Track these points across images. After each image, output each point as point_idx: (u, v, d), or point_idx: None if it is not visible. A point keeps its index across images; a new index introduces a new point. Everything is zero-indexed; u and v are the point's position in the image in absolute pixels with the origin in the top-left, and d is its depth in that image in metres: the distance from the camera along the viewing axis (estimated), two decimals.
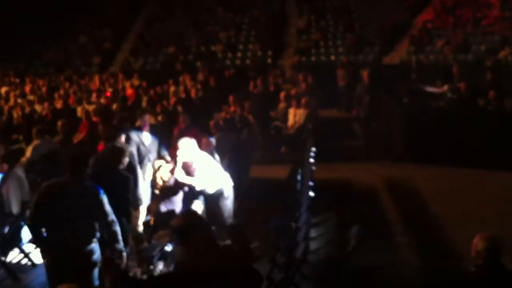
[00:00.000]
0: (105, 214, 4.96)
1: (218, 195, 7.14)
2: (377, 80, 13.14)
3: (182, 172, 7.08)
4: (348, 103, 14.54)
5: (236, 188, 7.83)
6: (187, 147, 7.11)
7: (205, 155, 7.26)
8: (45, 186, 5.00)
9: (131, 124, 9.64)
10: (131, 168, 6.62)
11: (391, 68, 16.89)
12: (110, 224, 4.98)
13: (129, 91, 15.32)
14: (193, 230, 3.64)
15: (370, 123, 12.44)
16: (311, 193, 7.13)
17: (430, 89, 12.42)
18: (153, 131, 8.58)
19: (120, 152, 6.07)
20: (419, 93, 12.21)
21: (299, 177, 8.50)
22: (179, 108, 12.48)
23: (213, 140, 8.47)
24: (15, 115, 12.99)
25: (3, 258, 6.66)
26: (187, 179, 7.02)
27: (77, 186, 4.94)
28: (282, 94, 13.07)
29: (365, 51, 18.48)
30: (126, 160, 6.08)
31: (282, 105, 12.78)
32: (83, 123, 11.23)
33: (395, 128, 11.52)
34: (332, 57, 18.68)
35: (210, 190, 7.10)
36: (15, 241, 7.03)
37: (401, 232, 7.60)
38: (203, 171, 7.04)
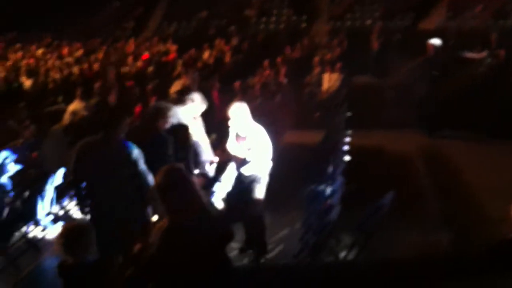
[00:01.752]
0: (139, 173, 5.06)
1: (255, 179, 6.04)
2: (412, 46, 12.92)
3: (235, 144, 6.08)
4: (383, 69, 14.36)
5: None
6: (240, 113, 5.94)
7: (258, 125, 6.05)
8: (81, 144, 5.14)
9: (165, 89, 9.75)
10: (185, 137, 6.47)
11: (427, 34, 16.55)
12: (144, 184, 5.08)
13: (172, 55, 15.38)
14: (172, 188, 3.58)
15: (406, 90, 12.28)
16: (346, 158, 7.17)
17: (469, 55, 12.16)
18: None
19: (163, 110, 5.99)
20: (457, 59, 11.96)
21: (332, 143, 8.52)
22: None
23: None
24: (52, 77, 13.22)
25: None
26: (241, 152, 5.96)
27: (110, 144, 5.05)
28: (316, 59, 13.01)
29: (400, 16, 18.12)
30: (169, 119, 6.01)
31: (316, 70, 12.72)
32: (119, 86, 11.38)
33: (431, 96, 11.35)
34: (368, 22, 18.39)
35: (254, 171, 6.00)
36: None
37: (434, 199, 7.58)
38: (258, 144, 5.90)
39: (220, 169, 6.92)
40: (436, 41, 10.01)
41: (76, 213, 7.14)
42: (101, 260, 4.05)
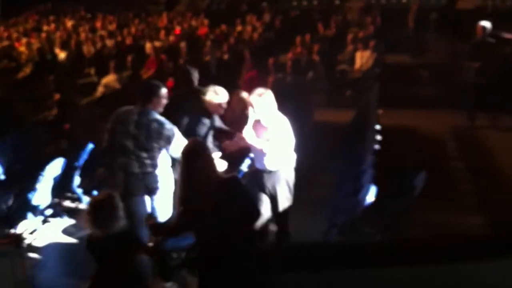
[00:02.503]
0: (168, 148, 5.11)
1: (279, 177, 5.45)
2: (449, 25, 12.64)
3: (253, 132, 5.55)
4: (417, 48, 14.12)
5: (299, 132, 7.79)
6: (264, 100, 5.39)
7: (283, 116, 5.52)
8: (115, 113, 5.21)
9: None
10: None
11: (465, 13, 16.18)
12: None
13: (203, 30, 15.35)
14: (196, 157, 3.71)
15: (440, 69, 12.07)
16: (378, 137, 7.08)
17: (507, 35, 11.85)
18: (221, 68, 8.61)
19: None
20: (494, 39, 11.66)
21: (364, 121, 8.43)
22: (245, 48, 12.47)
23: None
24: (85, 50, 13.32)
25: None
26: (258, 142, 5.42)
27: (144, 116, 5.09)
28: (349, 37, 12.83)
29: None
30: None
31: (349, 48, 12.56)
32: (151, 60, 11.42)
33: (466, 76, 11.11)
34: (404, 0, 18.04)
35: (274, 167, 5.45)
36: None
37: (465, 180, 7.47)
38: (280, 136, 5.35)
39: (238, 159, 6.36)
40: (486, 24, 9.72)
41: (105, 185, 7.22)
42: (129, 232, 4.10)
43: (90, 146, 7.81)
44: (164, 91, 5.28)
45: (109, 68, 10.39)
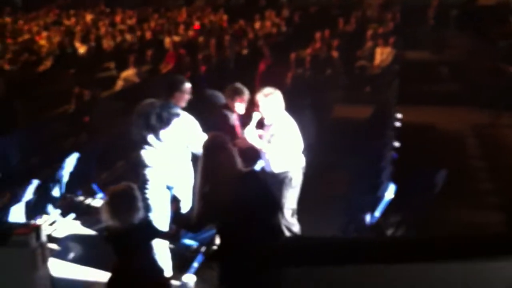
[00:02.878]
0: (192, 139, 5.14)
1: (284, 179, 5.28)
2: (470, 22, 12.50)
3: (255, 132, 5.39)
4: (438, 44, 13.99)
5: (317, 128, 7.74)
6: (270, 100, 5.25)
7: (289, 118, 5.39)
8: (139, 105, 5.23)
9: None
10: None
11: (486, 9, 15.99)
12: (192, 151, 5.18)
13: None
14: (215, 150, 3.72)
15: (460, 66, 11.96)
16: (396, 134, 7.04)
17: None
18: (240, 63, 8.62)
19: (241, 91, 6.02)
20: None
21: (382, 118, 8.38)
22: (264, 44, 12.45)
23: None
24: (105, 44, 13.40)
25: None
26: (259, 143, 5.32)
27: (165, 109, 5.11)
28: (368, 33, 12.77)
29: None
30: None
31: (368, 44, 12.49)
32: (170, 54, 11.45)
33: (486, 72, 11.00)
34: None
35: (277, 169, 5.26)
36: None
37: (486, 179, 7.40)
38: (283, 138, 5.19)
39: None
40: None
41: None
42: (148, 223, 4.11)
43: (108, 139, 7.89)
44: (187, 86, 5.28)
45: (128, 62, 10.45)
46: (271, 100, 5.21)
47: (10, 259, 4.22)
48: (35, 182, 5.85)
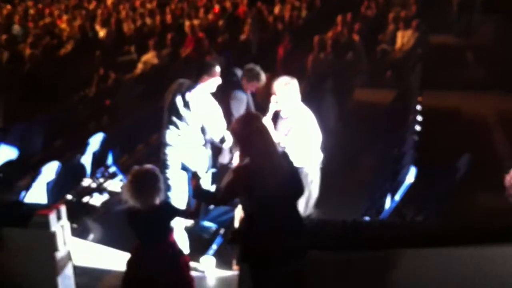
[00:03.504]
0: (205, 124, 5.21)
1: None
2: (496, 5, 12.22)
3: (271, 124, 4.91)
4: (462, 28, 13.75)
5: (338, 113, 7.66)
6: (288, 90, 5.09)
7: (307, 111, 5.16)
8: (172, 85, 5.30)
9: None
10: None
11: None
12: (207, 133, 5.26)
13: (242, 9, 15.24)
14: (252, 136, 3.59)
15: (486, 51, 11.72)
16: (419, 117, 6.94)
17: None
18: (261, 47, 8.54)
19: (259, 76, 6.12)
20: None
21: (405, 103, 8.27)
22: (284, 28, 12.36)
23: None
24: (125, 27, 13.39)
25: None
26: (275, 135, 4.88)
27: (190, 90, 5.16)
28: (390, 16, 12.59)
29: None
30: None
31: (390, 27, 12.31)
32: (190, 38, 11.41)
33: None
34: None
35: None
36: None
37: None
38: (300, 132, 4.96)
39: None
40: None
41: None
42: (169, 205, 4.10)
43: (129, 122, 7.92)
44: (217, 69, 5.23)
45: (148, 46, 10.44)
46: (289, 89, 5.04)
47: (31, 240, 4.24)
48: (57, 164, 5.89)
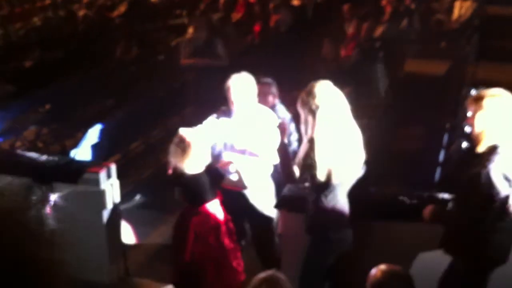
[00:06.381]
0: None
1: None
2: None
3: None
4: None
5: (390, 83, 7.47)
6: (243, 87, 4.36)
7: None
8: None
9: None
10: None
11: None
12: None
13: None
14: None
15: None
16: (473, 90, 6.74)
17: None
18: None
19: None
20: None
21: (459, 74, 8.05)
22: None
23: None
24: None
25: None
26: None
27: None
28: None
29: None
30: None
31: None
32: (240, 3, 11.30)
33: None
34: None
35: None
36: None
37: None
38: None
39: None
40: None
41: None
42: (215, 169, 4.14)
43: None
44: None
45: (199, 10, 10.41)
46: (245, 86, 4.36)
47: (81, 196, 4.35)
48: (100, 126, 5.99)
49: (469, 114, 3.41)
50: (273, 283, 2.79)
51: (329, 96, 3.61)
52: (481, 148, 3.38)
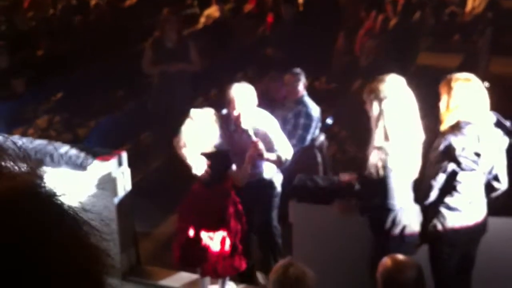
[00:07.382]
0: None
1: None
2: None
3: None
4: None
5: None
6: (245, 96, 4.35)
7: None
8: None
9: None
10: None
11: None
12: None
13: None
14: None
15: None
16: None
17: None
18: None
19: None
20: None
21: (472, 68, 7.98)
22: None
23: None
24: None
25: None
26: None
27: None
28: None
29: None
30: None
31: None
32: None
33: None
34: None
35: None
36: None
37: None
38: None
39: None
40: None
41: None
42: (225, 153, 4.20)
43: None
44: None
45: (211, 0, 10.37)
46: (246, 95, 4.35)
47: (92, 184, 4.37)
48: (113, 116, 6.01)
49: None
50: (298, 266, 2.82)
51: (399, 90, 3.69)
52: (443, 127, 3.71)
